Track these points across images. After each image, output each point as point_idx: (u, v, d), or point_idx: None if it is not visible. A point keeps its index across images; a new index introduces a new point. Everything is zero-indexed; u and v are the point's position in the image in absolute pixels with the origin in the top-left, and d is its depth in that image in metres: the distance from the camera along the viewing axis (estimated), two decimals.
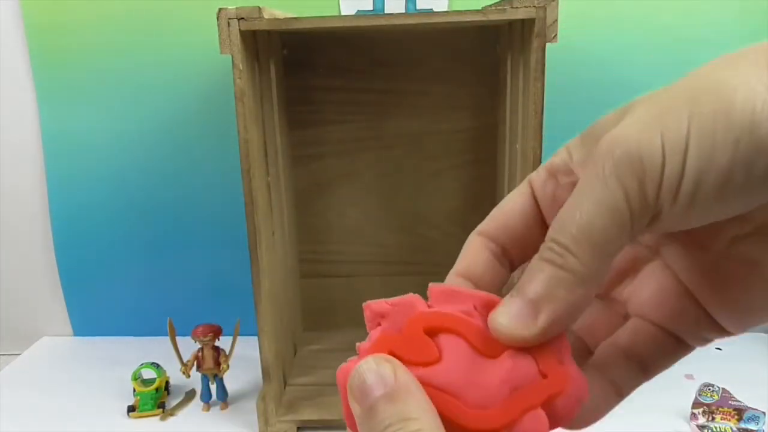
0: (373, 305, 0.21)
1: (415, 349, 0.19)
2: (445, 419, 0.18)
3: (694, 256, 0.21)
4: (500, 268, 0.22)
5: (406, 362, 0.19)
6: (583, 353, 0.23)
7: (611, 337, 0.23)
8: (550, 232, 0.19)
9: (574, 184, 0.20)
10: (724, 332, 0.21)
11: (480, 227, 0.23)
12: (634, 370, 0.22)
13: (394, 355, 0.19)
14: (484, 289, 0.22)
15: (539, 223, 0.22)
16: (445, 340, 0.20)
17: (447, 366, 0.19)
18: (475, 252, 0.22)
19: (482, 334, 0.20)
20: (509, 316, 0.19)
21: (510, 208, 0.22)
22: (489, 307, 0.20)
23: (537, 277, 0.19)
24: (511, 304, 0.19)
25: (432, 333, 0.20)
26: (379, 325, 0.21)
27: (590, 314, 0.24)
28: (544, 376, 0.19)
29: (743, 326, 0.21)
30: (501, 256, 0.22)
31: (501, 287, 0.22)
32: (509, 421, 0.19)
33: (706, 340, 0.22)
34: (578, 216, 0.18)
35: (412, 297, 0.21)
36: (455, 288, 0.21)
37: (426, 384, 0.19)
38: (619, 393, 0.22)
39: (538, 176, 0.22)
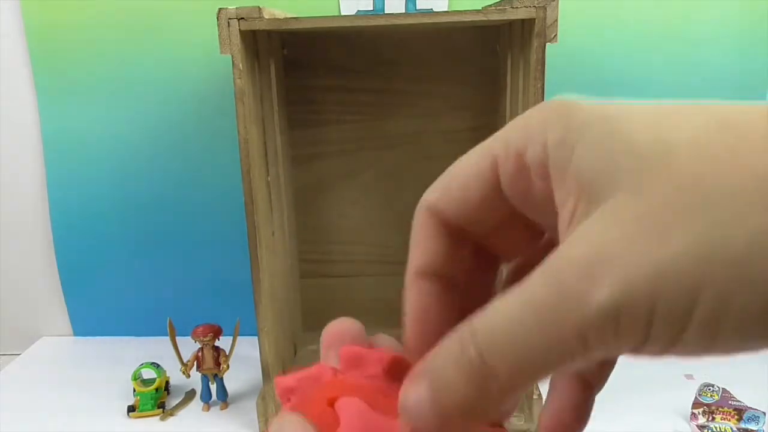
0: (280, 381, 0.21)
1: (321, 423, 0.19)
2: None
3: None
4: (460, 250, 0.20)
5: None
6: None
7: None
8: (480, 333, 0.16)
9: (550, 194, 0.17)
10: None
11: (433, 201, 0.20)
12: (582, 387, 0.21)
13: None
14: (448, 276, 0.20)
15: (505, 206, 0.19)
16: (343, 405, 0.19)
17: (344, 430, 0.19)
18: (431, 241, 0.20)
19: (383, 393, 0.20)
20: (419, 412, 0.17)
21: (471, 191, 0.19)
22: (397, 366, 0.20)
23: (453, 385, 0.16)
24: (419, 390, 0.17)
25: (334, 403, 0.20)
26: (289, 400, 0.21)
27: None
28: None
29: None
30: (458, 236, 0.20)
31: (463, 269, 0.21)
32: None
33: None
34: (523, 343, 0.15)
35: (318, 367, 0.21)
36: (363, 351, 0.21)
37: None
38: (590, 388, 0.21)
39: (506, 164, 0.18)
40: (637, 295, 0.13)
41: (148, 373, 0.75)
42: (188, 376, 0.74)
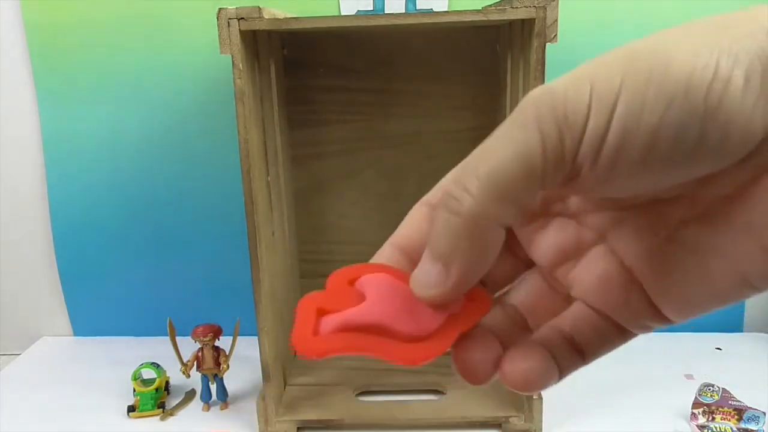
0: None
1: (340, 298, 0.20)
2: (384, 359, 0.19)
3: (640, 239, 0.20)
4: None
5: (334, 312, 0.19)
6: (524, 330, 0.23)
7: (553, 320, 0.22)
8: (455, 171, 0.18)
9: None
10: (666, 320, 0.21)
11: (429, 198, 0.23)
12: (573, 355, 0.22)
13: (321, 309, 0.19)
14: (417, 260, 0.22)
15: None
16: (368, 280, 0.20)
17: (373, 301, 0.19)
18: (418, 224, 0.22)
19: (405, 273, 0.21)
20: (423, 279, 0.19)
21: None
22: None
23: (439, 228, 0.18)
24: (423, 262, 0.19)
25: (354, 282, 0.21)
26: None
27: (533, 293, 0.24)
28: (468, 299, 0.20)
29: (685, 316, 0.20)
30: None
31: None
32: (446, 348, 0.19)
33: (647, 328, 0.21)
34: (488, 157, 0.17)
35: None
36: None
37: (353, 327, 0.19)
38: (561, 371, 0.22)
39: None
40: (581, 80, 0.17)
41: (148, 373, 0.75)
42: (188, 376, 0.74)
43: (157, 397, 0.74)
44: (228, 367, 0.74)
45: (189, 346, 0.73)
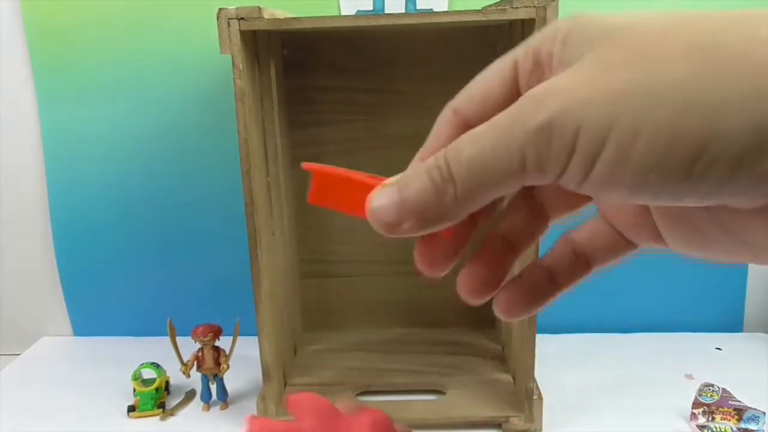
0: None
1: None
2: None
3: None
4: None
5: None
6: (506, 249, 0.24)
7: (572, 234, 0.24)
8: (450, 148, 0.19)
9: None
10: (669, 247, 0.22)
11: (457, 104, 0.23)
12: (579, 265, 0.24)
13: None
14: None
15: None
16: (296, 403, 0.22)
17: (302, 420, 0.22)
18: (445, 132, 0.23)
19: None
20: (381, 206, 0.21)
21: (491, 91, 0.22)
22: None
23: (416, 185, 0.20)
24: (388, 193, 0.21)
25: None
26: None
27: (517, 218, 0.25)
28: None
29: (690, 257, 0.22)
30: None
31: None
32: None
33: (654, 247, 0.23)
34: (480, 152, 0.18)
35: None
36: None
37: None
38: (554, 282, 0.24)
39: (524, 63, 0.21)
40: (567, 118, 0.16)
41: (148, 373, 0.75)
42: (188, 376, 0.74)
43: (157, 397, 0.74)
44: (228, 367, 0.74)
45: (189, 346, 0.73)
